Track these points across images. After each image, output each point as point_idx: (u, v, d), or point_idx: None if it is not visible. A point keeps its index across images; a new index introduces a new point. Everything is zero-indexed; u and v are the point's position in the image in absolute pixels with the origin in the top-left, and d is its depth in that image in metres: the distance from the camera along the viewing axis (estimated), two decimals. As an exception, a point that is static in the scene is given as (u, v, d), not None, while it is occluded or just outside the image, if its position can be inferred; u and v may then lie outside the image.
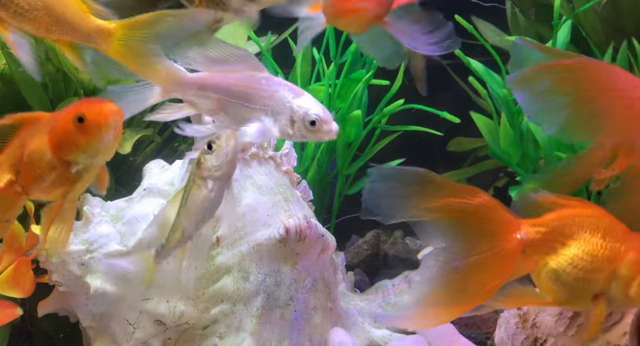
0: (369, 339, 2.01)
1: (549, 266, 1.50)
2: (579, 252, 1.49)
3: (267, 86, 1.52)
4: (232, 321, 1.79)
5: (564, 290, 1.50)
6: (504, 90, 2.24)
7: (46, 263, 1.77)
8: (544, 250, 1.50)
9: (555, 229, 1.51)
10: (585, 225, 1.50)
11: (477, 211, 1.49)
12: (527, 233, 1.51)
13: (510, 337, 1.88)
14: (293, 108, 1.50)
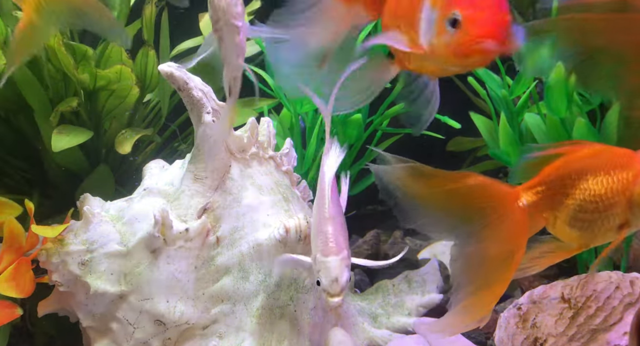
0: (369, 339, 2.01)
1: (562, 217, 1.51)
2: (587, 195, 1.49)
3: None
4: (232, 321, 1.79)
5: (585, 233, 1.50)
6: (503, 91, 2.24)
7: (46, 263, 1.77)
8: (549, 206, 1.52)
9: (553, 183, 1.52)
10: (584, 167, 1.50)
11: (475, 192, 1.51)
12: (527, 198, 1.52)
13: (510, 337, 1.88)
14: (316, 258, 1.56)
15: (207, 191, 1.86)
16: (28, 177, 2.25)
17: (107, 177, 2.18)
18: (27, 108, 2.10)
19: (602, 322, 1.78)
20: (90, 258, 1.77)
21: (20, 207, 1.91)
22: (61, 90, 2.16)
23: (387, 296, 2.16)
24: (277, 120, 2.56)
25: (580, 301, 1.81)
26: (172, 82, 1.81)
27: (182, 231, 1.77)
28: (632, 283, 1.83)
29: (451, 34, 1.36)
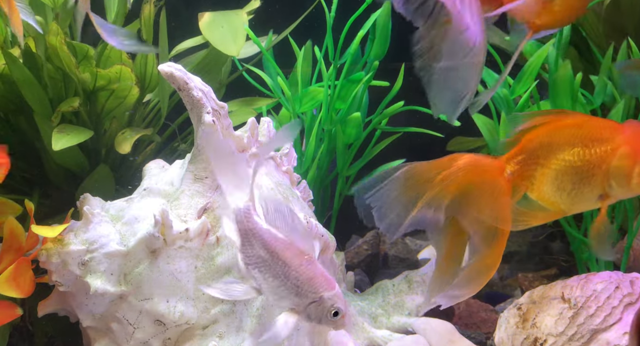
0: (369, 339, 2.01)
1: (541, 185, 1.54)
2: (564, 166, 1.52)
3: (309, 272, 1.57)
4: (232, 321, 1.79)
5: (563, 201, 1.54)
6: (504, 90, 2.24)
7: (46, 263, 1.77)
8: (529, 174, 1.55)
9: (533, 152, 1.55)
10: (564, 138, 1.53)
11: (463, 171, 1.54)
12: (510, 168, 1.57)
13: (510, 337, 1.88)
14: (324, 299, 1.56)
15: (207, 191, 1.86)
16: (28, 177, 2.25)
17: (107, 177, 2.18)
18: (27, 108, 2.10)
19: (602, 322, 1.78)
20: (90, 258, 1.77)
21: (20, 207, 1.91)
22: (61, 90, 2.16)
23: (387, 296, 2.17)
24: (277, 120, 2.56)
25: (580, 301, 1.81)
26: (172, 82, 1.81)
27: (182, 231, 1.77)
28: (632, 283, 1.83)
29: None
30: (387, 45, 2.43)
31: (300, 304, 1.56)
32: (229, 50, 2.26)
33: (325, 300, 1.56)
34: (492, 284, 2.59)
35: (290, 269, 1.56)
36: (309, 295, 1.56)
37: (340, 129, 2.45)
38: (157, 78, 2.29)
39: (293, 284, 1.56)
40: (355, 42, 2.40)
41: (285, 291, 1.56)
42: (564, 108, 2.09)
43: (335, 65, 2.42)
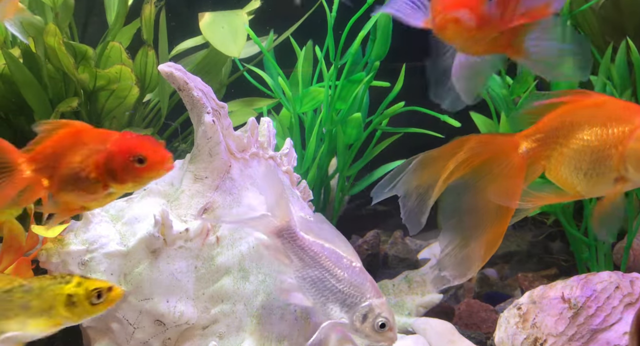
0: (369, 339, 2.01)
1: (558, 166, 1.53)
2: (582, 146, 1.50)
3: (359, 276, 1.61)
4: (232, 321, 1.79)
5: (579, 183, 1.52)
6: (504, 91, 2.24)
7: (46, 263, 1.77)
8: (547, 154, 1.54)
9: (552, 131, 1.54)
10: (583, 117, 1.52)
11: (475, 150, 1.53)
12: (526, 145, 1.55)
13: (510, 337, 1.88)
14: (371, 306, 1.58)
15: (207, 191, 1.86)
16: (28, 177, 2.25)
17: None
18: (27, 108, 2.10)
19: (602, 322, 1.78)
20: (90, 258, 1.77)
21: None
22: (61, 91, 2.16)
23: (387, 296, 2.17)
24: (277, 120, 2.56)
25: (580, 301, 1.81)
26: (172, 82, 1.81)
27: (182, 231, 1.77)
28: (632, 283, 1.83)
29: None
30: (388, 45, 2.43)
31: (350, 312, 1.58)
32: (229, 51, 2.26)
33: (374, 307, 1.57)
34: (492, 284, 2.59)
35: (340, 276, 1.60)
36: (359, 300, 1.58)
37: (341, 129, 2.45)
38: (157, 78, 2.29)
39: (343, 291, 1.59)
40: (356, 43, 2.40)
41: (334, 298, 1.59)
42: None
43: (336, 66, 2.42)
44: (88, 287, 1.40)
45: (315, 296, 1.62)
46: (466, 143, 1.56)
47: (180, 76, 1.80)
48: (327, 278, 1.60)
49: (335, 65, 2.42)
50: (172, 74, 1.80)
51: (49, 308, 1.39)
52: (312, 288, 1.62)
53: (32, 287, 1.38)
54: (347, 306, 1.58)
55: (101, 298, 1.41)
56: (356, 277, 1.60)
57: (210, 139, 1.82)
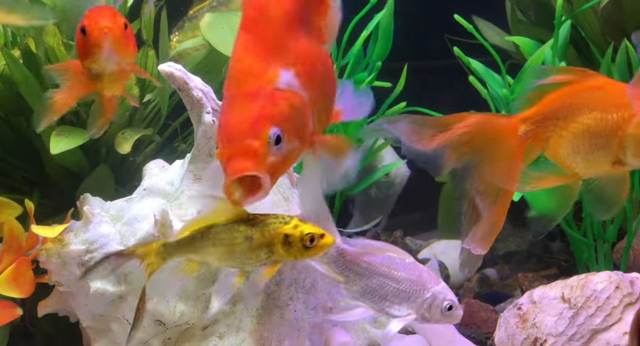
0: (369, 339, 2.01)
1: (557, 147, 1.53)
2: (581, 128, 1.50)
3: (414, 271, 1.64)
4: (232, 321, 1.79)
5: (579, 165, 1.53)
6: (504, 90, 2.24)
7: (46, 263, 1.77)
8: (546, 135, 1.53)
9: (551, 113, 1.54)
10: (583, 100, 1.51)
11: (473, 130, 1.53)
12: (524, 127, 1.55)
13: (510, 337, 1.88)
14: (435, 294, 1.63)
15: (207, 191, 1.86)
16: (28, 177, 2.25)
17: (107, 177, 2.18)
18: (27, 108, 2.10)
19: (602, 322, 1.78)
20: (90, 258, 1.77)
21: (20, 207, 1.91)
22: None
23: (387, 296, 2.16)
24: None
25: (580, 301, 1.81)
26: (172, 82, 1.81)
27: (182, 231, 1.77)
28: (632, 283, 1.83)
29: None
30: (389, 46, 2.43)
31: (415, 307, 1.62)
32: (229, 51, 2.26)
33: (437, 295, 1.63)
34: (492, 284, 2.59)
35: (398, 277, 1.63)
36: (422, 294, 1.63)
37: (342, 130, 2.45)
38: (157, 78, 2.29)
39: (405, 290, 1.63)
40: (358, 43, 2.40)
41: (399, 299, 1.63)
42: None
43: (338, 66, 2.42)
44: (303, 231, 1.46)
45: (379, 303, 1.66)
46: (464, 120, 1.56)
47: (180, 76, 1.80)
48: (385, 283, 1.65)
49: (338, 65, 2.42)
50: (172, 73, 1.80)
51: (269, 244, 1.47)
52: (374, 296, 1.66)
53: (257, 222, 1.47)
54: (412, 302, 1.63)
55: (313, 243, 1.46)
56: (412, 273, 1.64)
57: (210, 139, 1.82)
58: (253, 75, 1.32)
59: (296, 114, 1.33)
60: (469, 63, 2.29)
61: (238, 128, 1.29)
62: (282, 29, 1.36)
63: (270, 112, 1.29)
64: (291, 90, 1.33)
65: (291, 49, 1.36)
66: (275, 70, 1.33)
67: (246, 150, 1.27)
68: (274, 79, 1.32)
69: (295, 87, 1.34)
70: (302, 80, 1.35)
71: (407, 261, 1.65)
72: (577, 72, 1.56)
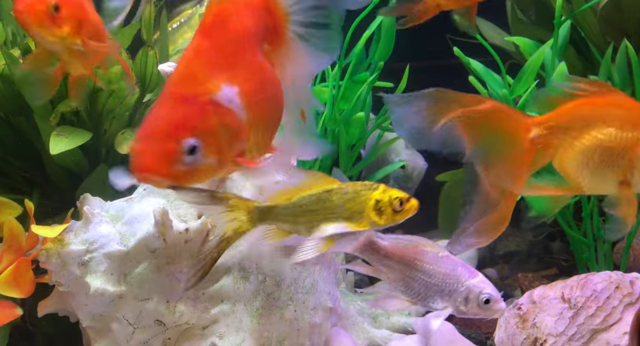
0: (369, 339, 2.01)
1: (566, 158, 1.52)
2: (592, 143, 1.49)
3: (447, 265, 1.66)
4: (232, 321, 1.79)
5: (585, 179, 1.52)
6: (504, 90, 2.24)
7: (46, 263, 1.77)
8: (556, 144, 1.53)
9: (566, 122, 1.52)
10: (599, 115, 1.50)
11: (489, 116, 1.52)
12: (537, 131, 1.53)
13: (510, 337, 1.88)
14: (470, 287, 1.63)
15: (207, 191, 1.86)
16: (28, 177, 2.25)
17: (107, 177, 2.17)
18: (27, 108, 2.10)
19: (602, 322, 1.78)
20: (90, 258, 1.77)
21: (20, 207, 1.91)
22: (61, 91, 2.16)
23: (387, 296, 2.16)
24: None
25: (580, 301, 1.81)
26: (172, 82, 1.81)
27: (182, 231, 1.77)
28: (632, 283, 1.83)
29: None
30: (392, 46, 2.44)
31: (450, 300, 1.63)
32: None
33: (472, 288, 1.62)
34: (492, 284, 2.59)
35: (431, 271, 1.64)
36: (456, 287, 1.63)
37: (344, 129, 2.45)
38: (157, 78, 2.29)
39: (438, 284, 1.64)
40: (361, 43, 2.40)
41: (432, 293, 1.64)
42: None
43: (340, 66, 2.42)
44: (391, 195, 1.50)
45: (413, 296, 1.67)
46: (483, 102, 1.54)
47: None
48: (419, 277, 1.66)
49: (340, 65, 2.42)
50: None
51: (360, 211, 1.50)
52: (408, 290, 1.67)
53: (348, 190, 1.51)
54: (447, 295, 1.64)
55: (402, 207, 1.49)
56: (446, 266, 1.65)
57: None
58: (194, 81, 1.31)
59: (224, 132, 1.30)
60: (469, 63, 2.28)
61: (158, 127, 1.28)
62: (236, 42, 1.35)
63: (195, 122, 1.28)
64: (227, 108, 1.31)
65: (241, 65, 1.34)
66: (217, 82, 1.31)
67: (157, 151, 1.26)
68: (213, 91, 1.30)
69: (235, 104, 1.32)
70: (245, 100, 1.33)
71: (441, 255, 1.66)
72: (599, 85, 1.56)
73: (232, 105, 1.32)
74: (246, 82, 1.34)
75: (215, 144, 1.30)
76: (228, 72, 1.33)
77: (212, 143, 1.29)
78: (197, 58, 1.33)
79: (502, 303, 1.64)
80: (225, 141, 1.31)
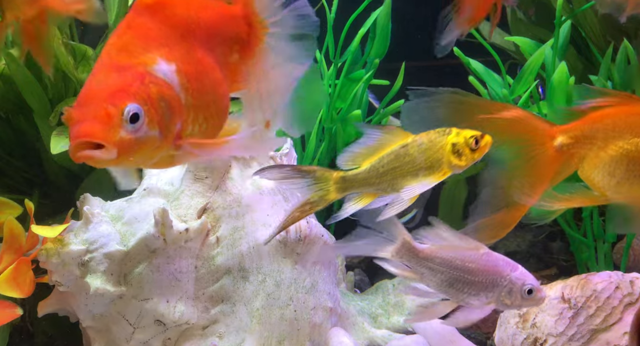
0: (369, 339, 2.01)
1: (592, 167, 1.52)
2: (619, 153, 1.49)
3: (488, 261, 1.66)
4: (232, 321, 1.79)
5: (610, 188, 1.52)
6: (504, 90, 2.24)
7: (46, 263, 1.77)
8: (582, 153, 1.53)
9: (592, 131, 1.52)
10: (626, 125, 1.50)
11: (512, 124, 1.52)
12: (562, 139, 1.54)
13: (510, 337, 1.88)
14: (512, 280, 1.65)
15: (207, 191, 1.86)
16: (28, 177, 2.25)
17: (107, 177, 2.17)
18: (27, 108, 2.10)
19: (602, 322, 1.78)
20: (90, 258, 1.77)
21: (20, 207, 1.91)
22: (61, 91, 2.16)
23: (387, 296, 2.17)
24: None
25: (580, 301, 1.81)
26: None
27: (182, 231, 1.77)
28: (632, 283, 1.83)
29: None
30: (387, 44, 2.43)
31: (494, 296, 1.64)
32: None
33: (514, 281, 1.63)
34: (492, 284, 2.59)
35: (473, 270, 1.64)
36: (499, 282, 1.64)
37: (341, 128, 2.45)
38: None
39: (481, 282, 1.64)
40: (356, 41, 2.40)
41: (476, 290, 1.64)
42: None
43: (335, 64, 2.42)
44: (466, 136, 1.53)
45: (455, 296, 1.68)
46: (508, 109, 1.54)
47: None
48: (460, 276, 1.66)
49: (335, 63, 2.42)
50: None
51: (439, 159, 1.54)
52: (451, 289, 1.68)
53: (423, 141, 1.55)
54: (490, 291, 1.65)
55: (478, 145, 1.51)
56: (486, 263, 1.66)
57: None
58: (131, 52, 1.27)
59: (163, 104, 1.26)
60: (468, 63, 2.28)
61: (96, 93, 1.22)
62: (183, 26, 1.34)
63: (135, 89, 1.23)
64: (165, 80, 1.27)
65: (183, 49, 1.32)
66: (154, 56, 1.28)
67: (98, 115, 1.19)
68: (149, 63, 1.27)
69: (172, 80, 1.28)
70: (182, 81, 1.30)
71: (481, 252, 1.66)
72: (623, 96, 1.55)
73: (169, 80, 1.28)
74: (184, 64, 1.31)
75: (156, 115, 1.24)
76: (166, 49, 1.30)
77: (154, 114, 1.24)
78: (135, 30, 1.30)
79: (543, 292, 1.66)
80: (165, 114, 1.26)
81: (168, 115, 1.26)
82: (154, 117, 1.24)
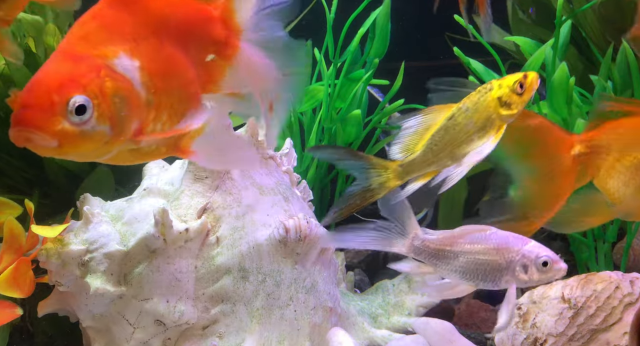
0: (369, 339, 2.01)
1: (607, 177, 1.52)
2: (635, 163, 1.50)
3: (498, 239, 1.65)
4: (232, 321, 1.79)
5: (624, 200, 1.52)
6: (504, 90, 2.24)
7: (46, 263, 1.77)
8: (597, 163, 1.53)
9: (609, 141, 1.53)
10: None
11: (534, 132, 1.53)
12: (580, 148, 1.55)
13: (510, 337, 1.88)
14: (525, 254, 1.62)
15: (207, 191, 1.86)
16: (28, 177, 2.25)
17: (107, 177, 2.18)
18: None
19: (602, 322, 1.78)
20: (90, 258, 1.77)
21: (20, 207, 1.91)
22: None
23: (387, 296, 2.17)
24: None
25: (580, 301, 1.81)
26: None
27: (182, 231, 1.77)
28: (632, 283, 1.83)
29: None
30: (386, 43, 2.43)
31: (510, 272, 1.62)
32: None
33: (527, 254, 1.61)
34: (492, 284, 2.59)
35: (483, 250, 1.64)
36: (512, 257, 1.62)
37: (341, 128, 2.45)
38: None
39: (493, 259, 1.63)
40: (355, 41, 2.40)
41: (491, 269, 1.63)
42: (561, 109, 2.09)
43: (335, 64, 2.42)
44: (507, 83, 1.50)
45: (471, 279, 1.67)
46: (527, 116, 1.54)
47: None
48: (472, 258, 1.66)
49: (335, 63, 2.42)
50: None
51: (489, 117, 1.51)
52: (466, 274, 1.67)
53: (467, 106, 1.52)
54: (505, 268, 1.64)
55: (523, 88, 1.49)
56: (497, 243, 1.65)
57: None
58: (91, 42, 1.23)
59: (118, 100, 1.21)
60: (468, 63, 2.28)
61: (45, 81, 1.18)
62: (156, 22, 1.30)
63: (87, 80, 1.19)
64: (124, 76, 1.23)
65: (151, 46, 1.28)
66: (116, 49, 1.24)
67: (41, 102, 1.16)
68: (110, 56, 1.23)
69: (133, 78, 1.24)
70: (144, 78, 1.25)
71: (489, 233, 1.66)
72: None
73: (129, 75, 1.24)
74: (150, 61, 1.27)
75: (109, 111, 1.20)
76: (130, 44, 1.26)
77: (106, 109, 1.20)
78: (99, 20, 1.26)
79: (561, 263, 1.62)
80: (119, 110, 1.22)
81: (124, 111, 1.23)
82: (105, 112, 1.20)
